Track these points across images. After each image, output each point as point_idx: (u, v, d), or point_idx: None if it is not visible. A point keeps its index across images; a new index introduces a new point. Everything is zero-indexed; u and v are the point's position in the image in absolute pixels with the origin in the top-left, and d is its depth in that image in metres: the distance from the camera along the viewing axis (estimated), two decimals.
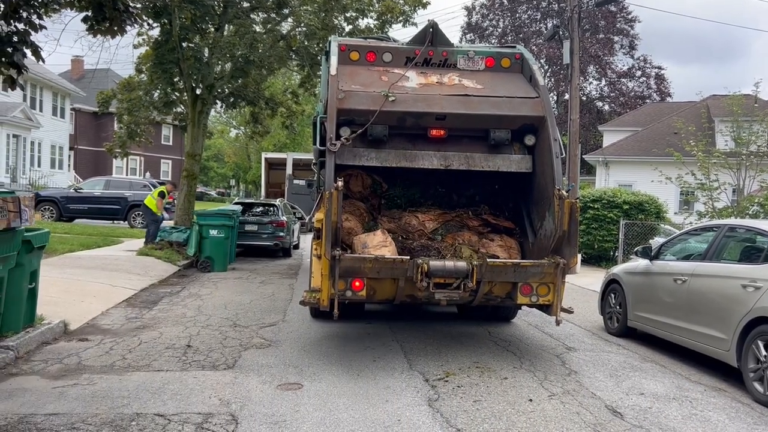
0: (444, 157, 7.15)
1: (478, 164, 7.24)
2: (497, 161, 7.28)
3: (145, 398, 5.18)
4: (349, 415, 4.96)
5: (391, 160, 7.10)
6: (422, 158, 7.15)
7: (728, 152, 17.77)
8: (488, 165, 7.27)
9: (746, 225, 7.30)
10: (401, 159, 7.12)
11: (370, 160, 7.07)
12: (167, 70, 15.28)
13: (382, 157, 7.07)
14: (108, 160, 40.84)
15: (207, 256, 13.65)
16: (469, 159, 7.21)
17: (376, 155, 7.05)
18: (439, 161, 7.13)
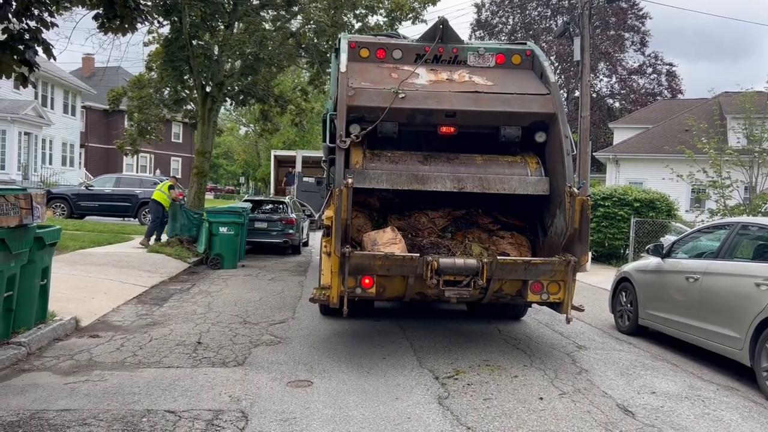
0: (457, 180, 6.88)
1: (493, 187, 6.93)
2: (513, 183, 6.97)
3: (156, 394, 5.20)
4: (359, 413, 4.95)
5: (403, 182, 6.82)
6: (434, 180, 6.86)
7: (740, 149, 17.62)
8: (503, 188, 6.96)
9: (759, 223, 7.23)
10: (413, 181, 6.83)
11: (380, 183, 6.79)
12: (177, 67, 15.35)
13: (393, 179, 6.81)
14: (118, 158, 41.03)
15: (217, 254, 13.69)
16: (483, 181, 6.93)
17: (387, 177, 6.77)
18: (452, 183, 6.85)
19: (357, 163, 6.77)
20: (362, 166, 6.79)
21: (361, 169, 6.74)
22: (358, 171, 6.68)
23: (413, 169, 6.92)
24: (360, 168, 6.74)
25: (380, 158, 7.02)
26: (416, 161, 7.05)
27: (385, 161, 7.00)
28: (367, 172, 6.75)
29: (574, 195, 6.35)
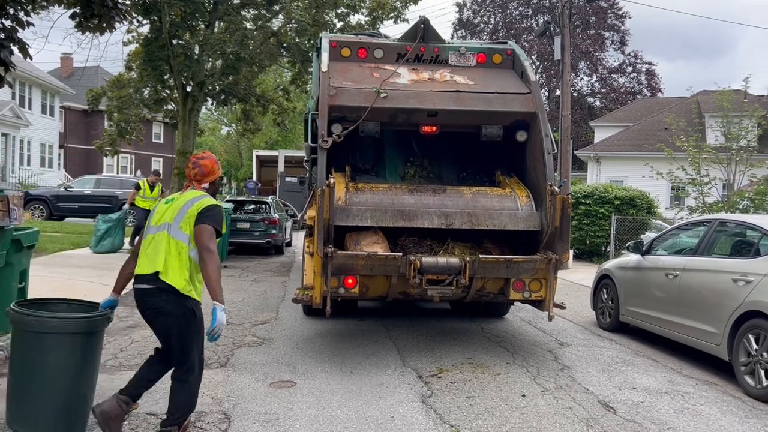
0: (445, 216, 6.59)
1: (482, 223, 6.64)
2: (503, 218, 6.68)
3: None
4: (343, 413, 4.95)
5: (388, 219, 6.53)
6: (421, 216, 6.56)
7: (718, 147, 17.88)
8: (493, 224, 6.67)
9: (737, 219, 7.35)
10: (398, 218, 6.53)
11: (365, 220, 6.49)
12: (157, 67, 15.25)
13: (378, 216, 6.51)
14: (98, 159, 40.59)
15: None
16: (472, 217, 6.64)
17: (371, 215, 6.50)
18: (439, 220, 6.56)
19: (340, 199, 6.52)
20: (345, 202, 6.56)
21: (345, 206, 6.49)
22: (341, 208, 6.43)
23: (398, 204, 6.67)
24: (343, 204, 6.51)
25: (364, 192, 6.77)
26: (402, 194, 6.84)
27: (369, 194, 6.75)
28: (350, 209, 6.49)
29: (555, 193, 6.39)
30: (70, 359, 3.96)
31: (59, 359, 3.92)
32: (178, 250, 4.00)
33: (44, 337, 3.89)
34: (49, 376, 3.91)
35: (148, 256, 4.05)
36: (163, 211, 4.16)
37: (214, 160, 4.40)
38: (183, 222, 4.03)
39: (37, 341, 3.91)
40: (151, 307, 4.04)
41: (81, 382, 4.05)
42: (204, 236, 3.98)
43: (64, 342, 3.94)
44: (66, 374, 3.96)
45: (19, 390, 3.97)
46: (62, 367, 3.94)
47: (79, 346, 4.00)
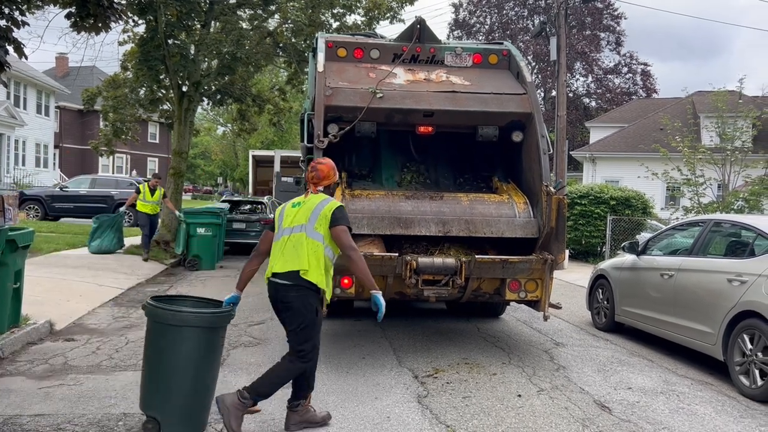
0: (442, 223, 6.59)
1: (480, 230, 6.63)
2: (501, 226, 6.68)
3: (133, 398, 5.13)
4: (338, 413, 4.94)
5: (385, 227, 6.52)
6: (418, 224, 6.56)
7: (713, 148, 17.93)
8: (491, 231, 6.66)
9: (731, 220, 7.37)
10: (395, 225, 6.53)
11: (361, 228, 6.42)
12: (153, 67, 15.17)
13: (375, 224, 6.51)
14: (94, 159, 40.51)
15: (195, 255, 13.56)
16: (470, 224, 6.63)
17: (368, 222, 6.49)
18: (437, 227, 6.55)
19: None
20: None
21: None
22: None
23: (396, 211, 6.64)
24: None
25: (361, 199, 6.74)
26: (399, 201, 6.80)
27: (366, 202, 6.72)
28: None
29: (551, 194, 6.41)
30: (198, 351, 4.27)
31: (189, 350, 4.24)
32: (315, 249, 4.41)
33: (177, 330, 4.21)
34: (180, 366, 4.24)
35: (286, 255, 4.45)
36: (294, 214, 4.56)
37: (330, 166, 4.78)
38: (317, 224, 4.45)
39: (170, 333, 4.22)
40: (283, 300, 4.45)
41: (207, 373, 4.37)
42: (343, 237, 4.44)
43: (194, 335, 4.25)
44: (194, 364, 4.27)
45: (153, 378, 4.29)
46: (191, 358, 4.26)
47: (206, 339, 4.31)
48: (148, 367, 4.34)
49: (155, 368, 4.29)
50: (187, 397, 4.29)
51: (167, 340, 4.23)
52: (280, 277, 4.46)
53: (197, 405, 4.36)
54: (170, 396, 4.25)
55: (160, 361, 4.27)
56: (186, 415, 4.30)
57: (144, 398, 4.33)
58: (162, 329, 4.26)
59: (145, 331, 4.43)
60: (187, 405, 4.30)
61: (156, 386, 4.28)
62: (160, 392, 4.26)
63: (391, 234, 6.60)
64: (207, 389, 4.42)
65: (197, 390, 4.33)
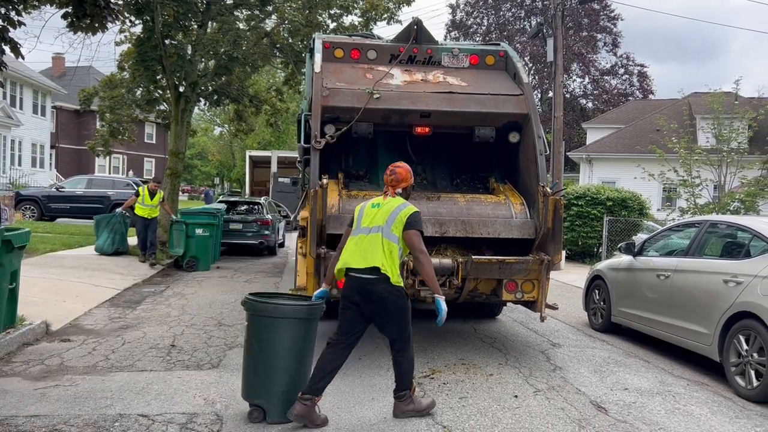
0: (439, 224, 6.62)
1: (477, 231, 6.66)
2: (497, 226, 6.71)
3: (129, 398, 5.13)
4: (335, 414, 4.94)
5: None
6: None
7: (710, 149, 17.98)
8: (488, 231, 6.66)
9: (727, 221, 7.39)
10: None
11: None
12: (150, 67, 15.13)
13: None
14: (90, 159, 40.43)
15: (192, 255, 13.53)
16: (466, 225, 6.66)
17: None
18: (433, 228, 6.56)
19: (333, 207, 6.49)
20: (338, 210, 6.54)
21: (338, 214, 6.47)
22: (334, 216, 6.40)
23: None
24: (336, 212, 6.48)
25: (357, 199, 6.66)
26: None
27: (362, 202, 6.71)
28: (344, 217, 6.40)
29: (547, 195, 6.42)
30: (295, 341, 4.66)
31: (287, 341, 4.63)
32: (390, 249, 4.73)
33: (276, 322, 4.60)
34: (279, 355, 4.62)
35: (363, 252, 4.76)
36: (373, 214, 4.88)
37: (407, 169, 5.13)
38: (393, 226, 4.78)
39: (270, 325, 4.62)
40: (374, 293, 4.71)
41: (302, 361, 4.74)
42: (415, 240, 4.78)
43: (292, 326, 4.64)
44: (292, 354, 4.66)
45: (255, 368, 4.67)
46: (289, 348, 4.65)
47: (302, 330, 4.70)
48: (249, 358, 4.70)
49: (257, 358, 4.65)
50: (287, 385, 4.63)
51: (267, 332, 4.61)
52: (361, 272, 4.73)
53: (297, 392, 4.63)
54: (272, 384, 4.62)
55: (261, 351, 4.63)
56: (287, 402, 4.60)
57: (247, 388, 4.72)
58: (262, 322, 4.63)
59: (246, 324, 4.76)
60: (288, 392, 4.62)
61: (257, 375, 4.65)
62: (262, 381, 4.64)
63: None
64: (305, 376, 4.72)
65: (296, 377, 4.67)
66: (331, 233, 6.40)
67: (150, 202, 13.20)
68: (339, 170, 7.43)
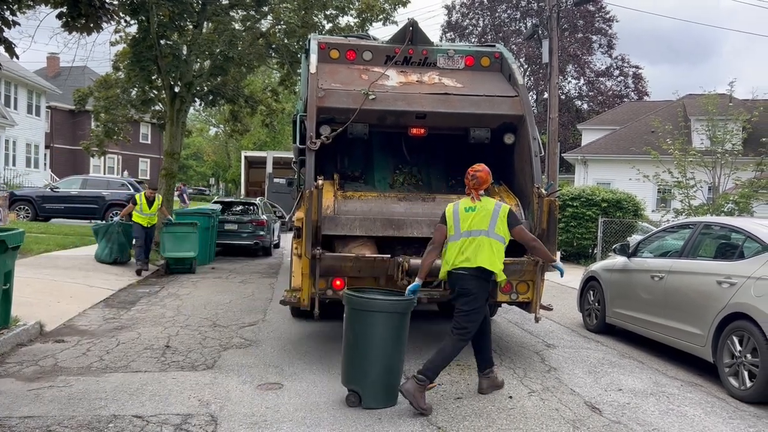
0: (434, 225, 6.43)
1: None
2: None
3: (123, 399, 5.12)
4: (330, 414, 4.94)
5: (377, 229, 6.52)
6: (410, 225, 6.56)
7: (704, 150, 18.04)
8: None
9: (721, 222, 7.42)
10: (387, 227, 6.53)
11: (353, 230, 6.47)
12: (145, 67, 15.10)
13: (367, 226, 6.51)
14: (85, 159, 40.26)
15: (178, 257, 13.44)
16: None
17: (360, 224, 6.50)
18: (429, 228, 6.45)
19: (328, 208, 6.49)
20: (334, 211, 6.54)
21: (333, 215, 6.48)
22: (329, 217, 6.41)
23: (388, 212, 6.66)
24: (331, 213, 6.48)
25: (353, 200, 6.75)
26: (391, 203, 6.81)
27: (358, 203, 6.73)
28: (339, 218, 6.47)
29: (542, 196, 6.44)
30: (389, 332, 5.07)
31: (384, 332, 5.05)
32: (497, 248, 5.32)
33: (373, 315, 5.04)
34: (376, 345, 5.04)
35: (468, 254, 5.27)
36: (470, 218, 5.35)
37: (487, 171, 5.52)
38: (497, 228, 5.33)
39: (367, 318, 5.05)
40: (464, 287, 5.28)
41: (396, 351, 5.14)
42: (524, 233, 5.49)
43: (387, 319, 5.06)
44: (387, 344, 5.07)
45: (353, 356, 5.12)
46: (385, 339, 5.05)
47: (397, 322, 5.10)
48: (348, 348, 5.14)
49: (354, 348, 5.09)
50: (381, 373, 5.07)
51: (364, 324, 5.05)
52: (465, 270, 5.26)
53: (390, 380, 5.12)
54: (369, 371, 5.04)
55: (357, 342, 5.07)
56: (381, 388, 5.10)
57: (346, 374, 5.20)
58: (360, 315, 5.07)
59: (344, 317, 5.18)
60: (382, 379, 5.08)
61: (356, 363, 5.09)
62: (359, 369, 5.08)
63: (384, 236, 6.60)
64: (397, 366, 5.19)
65: (390, 366, 5.11)
66: (327, 234, 6.40)
67: (149, 211, 12.61)
68: (334, 171, 7.43)
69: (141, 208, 12.51)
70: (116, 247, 12.69)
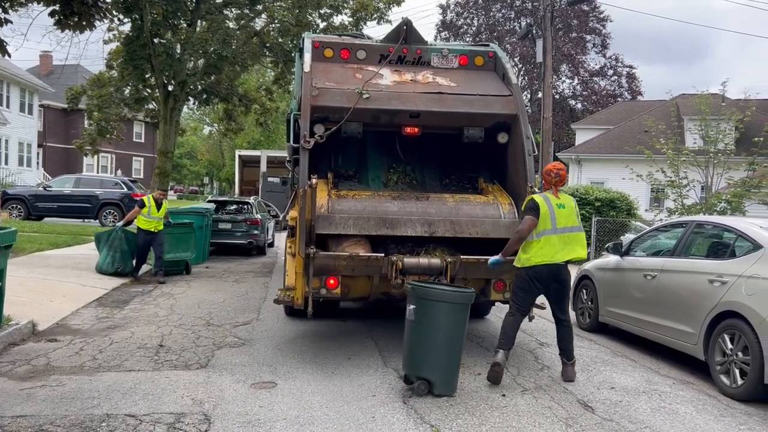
0: (428, 223, 6.61)
1: (465, 230, 6.66)
2: (486, 227, 6.71)
3: (116, 399, 5.11)
4: (324, 413, 4.95)
5: (371, 227, 6.52)
6: (404, 224, 6.57)
7: (697, 150, 18.12)
8: (476, 231, 6.69)
9: (713, 221, 7.46)
10: (381, 226, 6.54)
11: (347, 228, 6.47)
12: (138, 66, 15.10)
13: (361, 224, 6.51)
14: (78, 158, 40.13)
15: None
16: (455, 225, 6.65)
17: (354, 223, 6.49)
18: (422, 228, 6.58)
19: (322, 207, 6.48)
20: (327, 209, 6.52)
21: (327, 214, 6.47)
22: (323, 216, 6.40)
23: (382, 211, 6.65)
24: (325, 212, 6.47)
25: (347, 199, 6.73)
26: (385, 201, 6.80)
27: (352, 202, 6.71)
28: (332, 217, 6.46)
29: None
30: (453, 321, 5.39)
31: (448, 321, 5.37)
32: (583, 239, 6.12)
33: (438, 305, 5.36)
34: (441, 334, 5.36)
35: (567, 248, 5.92)
36: (565, 215, 5.96)
37: (565, 170, 6.24)
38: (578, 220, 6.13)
39: (433, 308, 5.35)
40: (559, 279, 5.99)
41: (457, 339, 5.45)
42: None
43: (452, 309, 5.39)
44: (450, 333, 5.38)
45: (419, 346, 5.42)
46: (448, 327, 5.36)
47: (458, 311, 5.45)
48: (416, 338, 5.43)
49: (420, 337, 5.40)
50: (445, 358, 5.37)
51: (432, 313, 5.34)
52: (560, 263, 5.91)
53: (455, 366, 5.48)
54: (432, 357, 5.35)
55: (422, 331, 5.38)
56: (448, 375, 5.42)
57: (414, 364, 5.47)
58: (426, 305, 5.36)
59: (409, 309, 5.47)
60: (449, 366, 5.41)
61: (420, 350, 5.40)
62: (427, 357, 5.37)
63: (377, 234, 6.61)
64: (460, 354, 5.51)
65: (452, 352, 5.41)
66: (320, 233, 6.40)
67: (157, 214, 11.64)
68: (328, 170, 7.43)
69: (149, 212, 11.53)
70: (118, 256, 11.50)
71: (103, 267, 11.45)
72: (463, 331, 5.50)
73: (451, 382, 5.48)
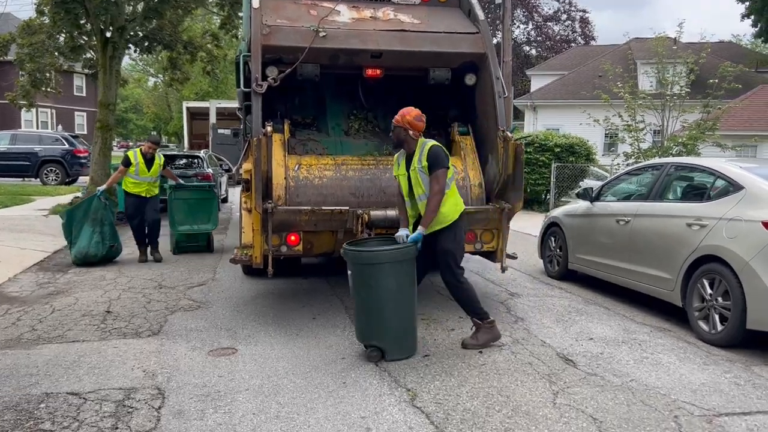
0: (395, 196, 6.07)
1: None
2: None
3: (57, 375, 4.60)
4: (290, 381, 4.56)
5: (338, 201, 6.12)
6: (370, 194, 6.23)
7: (652, 94, 18.04)
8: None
9: (690, 163, 7.20)
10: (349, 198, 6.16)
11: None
12: (71, 10, 13.88)
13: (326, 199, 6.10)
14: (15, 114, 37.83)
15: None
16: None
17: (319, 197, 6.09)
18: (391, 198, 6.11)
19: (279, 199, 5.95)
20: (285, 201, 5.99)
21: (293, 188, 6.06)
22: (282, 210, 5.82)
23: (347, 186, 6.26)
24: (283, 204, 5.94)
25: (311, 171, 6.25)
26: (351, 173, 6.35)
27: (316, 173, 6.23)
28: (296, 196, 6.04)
29: (508, 139, 6.07)
30: (395, 283, 4.87)
31: (389, 284, 4.85)
32: None
33: (374, 268, 4.85)
34: (383, 298, 4.87)
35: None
36: None
37: None
38: None
39: (370, 271, 4.86)
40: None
41: (405, 299, 4.97)
42: None
43: (391, 269, 4.86)
44: (394, 295, 4.89)
45: (368, 312, 4.97)
46: (391, 290, 4.87)
47: (401, 271, 4.91)
48: (362, 305, 4.98)
49: (369, 303, 4.92)
50: (395, 325, 4.97)
51: (370, 277, 4.86)
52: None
53: (407, 330, 5.06)
54: (380, 325, 4.94)
55: (364, 299, 4.94)
56: (399, 340, 5.00)
57: (363, 331, 5.06)
58: (362, 269, 4.89)
59: (350, 275, 4.95)
60: (399, 330, 5.00)
61: (373, 319, 4.95)
62: (375, 323, 4.96)
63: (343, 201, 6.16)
64: (411, 315, 5.06)
65: (402, 316, 4.98)
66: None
67: (148, 174, 9.23)
68: (284, 117, 6.85)
69: (137, 171, 9.13)
70: (108, 230, 8.99)
71: (90, 251, 8.73)
72: (410, 289, 4.98)
73: (405, 345, 5.06)
